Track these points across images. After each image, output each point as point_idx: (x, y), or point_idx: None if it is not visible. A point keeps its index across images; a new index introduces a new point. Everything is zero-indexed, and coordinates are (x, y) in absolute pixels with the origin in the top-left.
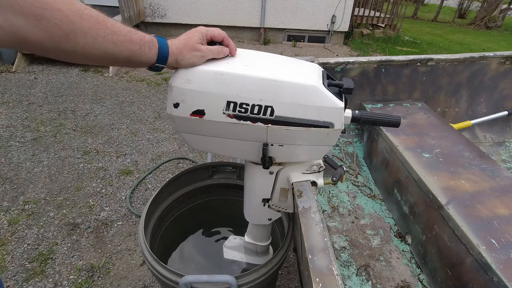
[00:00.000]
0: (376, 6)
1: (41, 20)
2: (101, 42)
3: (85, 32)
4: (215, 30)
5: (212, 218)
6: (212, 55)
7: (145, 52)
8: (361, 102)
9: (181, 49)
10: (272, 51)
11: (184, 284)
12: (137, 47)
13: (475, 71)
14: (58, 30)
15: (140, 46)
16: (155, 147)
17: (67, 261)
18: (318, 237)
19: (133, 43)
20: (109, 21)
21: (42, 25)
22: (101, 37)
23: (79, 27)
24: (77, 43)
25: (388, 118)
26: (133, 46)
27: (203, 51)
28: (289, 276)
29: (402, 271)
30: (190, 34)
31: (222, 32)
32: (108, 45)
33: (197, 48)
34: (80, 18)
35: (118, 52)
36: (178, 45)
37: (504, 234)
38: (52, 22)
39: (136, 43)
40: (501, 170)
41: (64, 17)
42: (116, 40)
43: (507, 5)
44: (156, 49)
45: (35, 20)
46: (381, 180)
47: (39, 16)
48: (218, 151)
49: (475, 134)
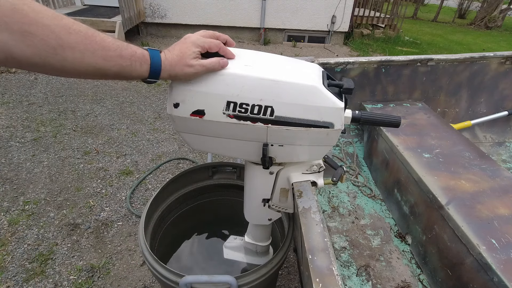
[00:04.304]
0: (376, 6)
1: (28, 36)
2: (90, 57)
3: (72, 47)
4: (211, 42)
5: (212, 219)
6: (207, 71)
7: (136, 68)
8: (361, 102)
9: (174, 65)
10: (272, 51)
11: (184, 285)
12: (127, 62)
13: (475, 71)
14: (45, 45)
15: (131, 62)
16: (155, 148)
17: (67, 261)
18: (318, 237)
19: (123, 58)
20: (99, 36)
21: (28, 41)
22: (89, 52)
23: (66, 41)
24: (65, 58)
25: (388, 118)
26: (123, 61)
27: (196, 68)
28: (289, 276)
29: (402, 271)
30: (184, 48)
31: (218, 43)
32: (97, 60)
33: (191, 64)
34: (67, 33)
35: (108, 67)
36: (171, 60)
37: (504, 234)
38: (39, 37)
39: (127, 58)
40: (501, 170)
41: (50, 32)
42: (106, 55)
43: (507, 5)
44: (147, 65)
45: (21, 35)
46: (381, 180)
47: (25, 32)
48: (218, 151)
49: (475, 134)
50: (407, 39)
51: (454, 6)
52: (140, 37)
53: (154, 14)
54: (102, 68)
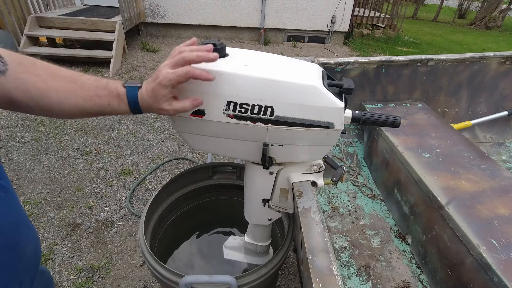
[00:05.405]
0: (376, 6)
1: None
2: (72, 98)
3: (58, 90)
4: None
5: (212, 219)
6: (179, 113)
7: (115, 108)
8: (361, 102)
9: (150, 107)
10: (272, 51)
11: (184, 285)
12: (105, 102)
13: (475, 71)
14: (36, 91)
15: (109, 101)
16: (155, 148)
17: (67, 261)
18: (318, 237)
19: (101, 98)
20: (82, 79)
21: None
22: (72, 93)
23: (52, 86)
24: (51, 100)
25: (388, 118)
26: (102, 101)
27: (170, 112)
28: (289, 276)
29: (402, 271)
30: (156, 90)
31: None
32: (78, 101)
33: (164, 109)
34: (52, 79)
35: (89, 107)
36: (147, 100)
37: (504, 234)
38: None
39: (104, 98)
40: (501, 170)
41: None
42: (85, 96)
43: (507, 5)
44: (125, 105)
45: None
46: (381, 180)
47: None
48: (218, 151)
49: (475, 134)
50: (407, 39)
51: (454, 6)
52: (140, 37)
53: (154, 14)
54: (84, 108)
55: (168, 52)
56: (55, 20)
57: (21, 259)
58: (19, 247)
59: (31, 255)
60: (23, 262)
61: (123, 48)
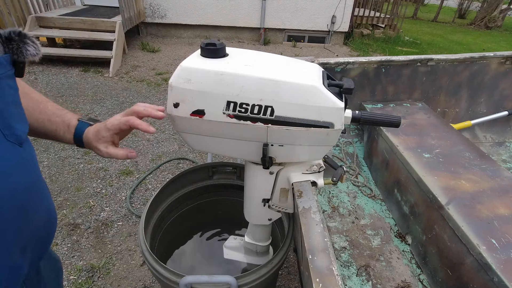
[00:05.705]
0: (376, 6)
1: None
2: (30, 118)
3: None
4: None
5: (212, 219)
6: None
7: (60, 135)
8: (361, 102)
9: (89, 143)
10: (272, 51)
11: (184, 285)
12: (53, 127)
13: (475, 71)
14: None
15: (57, 128)
16: (155, 148)
17: (67, 261)
18: (318, 237)
19: (51, 124)
20: (46, 104)
21: None
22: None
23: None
24: None
25: (388, 118)
26: (51, 126)
27: (102, 154)
28: (289, 276)
29: (403, 271)
30: (100, 132)
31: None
32: (33, 122)
33: (99, 149)
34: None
35: (42, 128)
36: (90, 137)
37: (504, 234)
38: None
39: (54, 125)
40: (501, 170)
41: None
42: (38, 118)
43: (507, 5)
44: (70, 135)
45: None
46: (381, 180)
47: None
48: (218, 151)
49: (475, 134)
50: (407, 39)
51: (454, 6)
52: (140, 37)
53: (154, 14)
54: (38, 129)
55: (168, 52)
56: (55, 20)
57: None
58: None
59: (40, 225)
60: (29, 228)
61: (123, 48)
